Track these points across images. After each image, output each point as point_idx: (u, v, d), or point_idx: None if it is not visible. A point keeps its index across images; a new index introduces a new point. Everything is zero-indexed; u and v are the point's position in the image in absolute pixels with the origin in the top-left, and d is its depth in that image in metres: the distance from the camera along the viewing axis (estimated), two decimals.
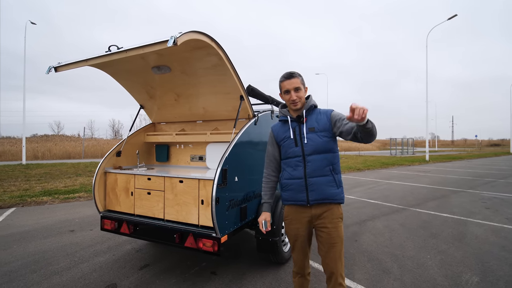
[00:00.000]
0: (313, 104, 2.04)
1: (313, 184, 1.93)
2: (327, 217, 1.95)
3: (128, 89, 3.59)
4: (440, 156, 28.27)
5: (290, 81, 1.96)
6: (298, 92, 1.97)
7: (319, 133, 1.95)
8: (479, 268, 3.30)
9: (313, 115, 2.02)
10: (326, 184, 1.92)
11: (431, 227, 4.86)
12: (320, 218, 1.97)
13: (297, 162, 1.98)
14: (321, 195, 1.93)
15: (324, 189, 1.92)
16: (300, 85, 1.97)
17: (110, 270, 3.21)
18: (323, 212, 1.95)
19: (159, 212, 2.93)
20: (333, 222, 1.94)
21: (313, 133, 1.96)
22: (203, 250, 2.55)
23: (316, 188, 1.92)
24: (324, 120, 1.97)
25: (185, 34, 2.09)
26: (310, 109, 2.03)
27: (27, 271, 3.20)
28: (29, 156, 20.58)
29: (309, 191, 1.94)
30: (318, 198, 1.93)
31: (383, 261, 3.49)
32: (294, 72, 1.99)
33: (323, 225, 1.95)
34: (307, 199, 1.95)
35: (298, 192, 1.97)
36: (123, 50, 2.32)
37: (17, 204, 6.53)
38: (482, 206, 6.50)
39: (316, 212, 1.97)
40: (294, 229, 2.05)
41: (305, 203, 1.96)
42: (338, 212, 1.97)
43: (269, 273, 3.14)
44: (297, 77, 1.98)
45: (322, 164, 1.93)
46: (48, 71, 2.66)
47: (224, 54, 2.59)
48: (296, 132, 2.01)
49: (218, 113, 3.61)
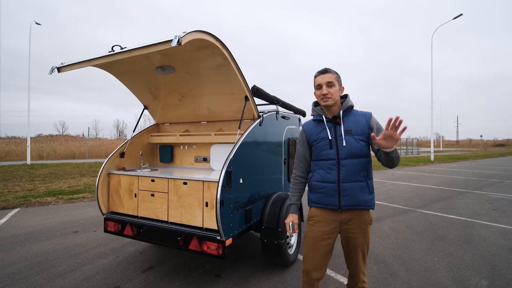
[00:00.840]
0: (350, 104, 1.93)
1: (346, 189, 1.84)
2: (356, 223, 1.87)
3: (132, 89, 3.56)
4: (445, 157, 28.02)
5: (324, 76, 1.87)
6: (331, 88, 1.86)
7: (356, 136, 1.85)
8: (488, 272, 3.22)
9: (350, 117, 1.90)
10: (360, 190, 1.84)
11: (438, 229, 4.78)
12: (349, 223, 1.88)
13: (331, 165, 1.87)
14: (353, 201, 1.84)
15: (357, 195, 1.83)
16: (334, 80, 1.86)
17: (113, 273, 3.18)
18: (353, 218, 1.87)
19: (163, 214, 2.90)
20: (361, 227, 1.88)
21: (349, 135, 1.85)
22: (208, 253, 2.51)
23: (349, 194, 1.83)
24: (362, 123, 1.87)
25: (190, 34, 2.05)
26: (348, 110, 1.92)
27: (30, 273, 3.18)
28: (34, 156, 20.72)
29: (341, 196, 1.85)
30: (350, 204, 1.84)
31: (390, 264, 3.43)
32: (329, 68, 1.90)
33: (351, 231, 1.88)
34: (339, 204, 1.86)
35: (330, 196, 1.88)
36: (126, 50, 2.29)
37: (21, 204, 6.54)
38: (489, 208, 6.40)
39: (346, 217, 1.88)
40: (316, 232, 1.93)
41: (336, 208, 1.87)
42: (368, 218, 1.90)
43: (274, 276, 3.09)
44: (332, 72, 1.88)
45: (356, 169, 1.84)
46: (51, 72, 2.63)
47: (229, 54, 2.55)
48: (332, 134, 1.90)
49: (223, 114, 3.58)
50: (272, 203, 3.21)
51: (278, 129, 3.60)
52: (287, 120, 3.90)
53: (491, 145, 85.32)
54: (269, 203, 3.20)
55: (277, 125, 3.57)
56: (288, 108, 4.25)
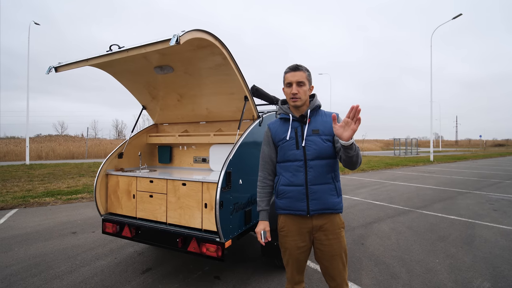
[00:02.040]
0: (318, 104, 1.87)
1: (315, 192, 1.74)
2: (328, 229, 1.77)
3: (130, 89, 3.53)
4: (445, 157, 28.02)
5: (294, 74, 1.78)
6: (301, 87, 1.77)
7: (323, 136, 1.77)
8: (490, 273, 3.20)
9: (317, 116, 1.84)
10: (328, 193, 1.75)
11: (438, 230, 4.76)
12: (321, 229, 1.78)
13: (298, 167, 1.77)
14: (323, 204, 1.75)
15: (326, 197, 1.75)
16: (305, 80, 1.78)
17: (111, 274, 3.15)
18: (325, 223, 1.77)
19: (162, 216, 2.87)
20: (335, 232, 1.77)
21: (316, 135, 1.78)
22: (207, 255, 2.48)
23: (318, 197, 1.74)
24: (329, 123, 1.80)
25: (189, 33, 2.02)
26: (315, 109, 1.86)
27: (28, 275, 3.14)
28: (33, 156, 20.67)
29: (310, 200, 1.75)
30: (320, 208, 1.75)
31: (391, 265, 3.40)
32: (301, 65, 1.80)
33: (324, 237, 1.77)
34: (308, 208, 1.75)
35: (298, 201, 1.77)
36: (124, 50, 2.25)
37: (20, 205, 6.50)
38: (490, 208, 6.38)
39: (317, 223, 1.77)
40: (290, 242, 1.82)
41: (305, 213, 1.76)
42: (340, 222, 1.81)
43: (274, 278, 3.06)
44: (303, 70, 1.78)
45: (324, 170, 1.75)
46: (48, 71, 2.60)
47: (228, 54, 2.52)
48: (298, 133, 1.81)
49: (222, 114, 3.55)
50: (271, 204, 3.17)
51: None
52: None
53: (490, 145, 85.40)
54: None
55: None
56: None
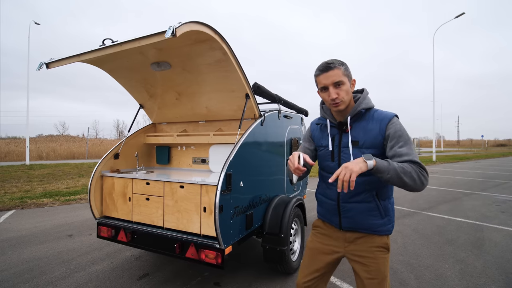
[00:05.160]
0: (364, 107, 1.49)
1: (348, 210, 1.52)
2: (363, 244, 1.52)
3: (126, 87, 3.39)
4: (447, 157, 27.81)
5: (327, 74, 1.43)
6: (340, 88, 1.43)
7: (364, 149, 1.45)
8: (503, 280, 3.05)
9: (362, 122, 1.49)
10: (366, 213, 1.49)
11: (446, 233, 4.61)
12: (354, 243, 1.55)
13: None
14: (357, 224, 1.52)
15: (361, 217, 1.50)
16: (343, 77, 1.43)
17: (107, 280, 3.01)
18: (360, 237, 1.54)
19: (158, 220, 2.73)
20: (370, 251, 1.49)
21: (356, 148, 1.47)
22: (206, 262, 2.34)
23: (352, 216, 1.51)
24: (375, 131, 1.45)
25: (185, 25, 1.88)
26: (359, 115, 1.51)
27: (20, 281, 3.01)
28: (33, 156, 20.60)
29: (342, 217, 1.54)
30: (354, 227, 1.53)
31: (399, 271, 3.26)
32: (333, 61, 1.44)
33: (357, 253, 1.53)
34: (340, 224, 1.56)
35: (331, 215, 1.60)
36: (118, 44, 2.12)
37: (17, 206, 6.38)
38: (497, 210, 6.22)
39: (351, 236, 1.56)
40: (319, 243, 1.65)
41: (338, 227, 1.58)
42: (379, 241, 1.50)
43: (276, 284, 2.92)
44: (337, 67, 1.43)
45: (361, 188, 1.47)
46: (39, 68, 2.46)
47: (229, 48, 2.38)
48: (335, 143, 1.55)
49: (222, 113, 3.40)
50: (274, 207, 3.04)
51: (280, 129, 3.43)
52: (290, 120, 3.73)
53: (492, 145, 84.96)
54: (271, 207, 3.04)
55: (279, 125, 3.40)
56: (290, 107, 4.08)
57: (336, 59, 1.47)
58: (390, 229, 1.52)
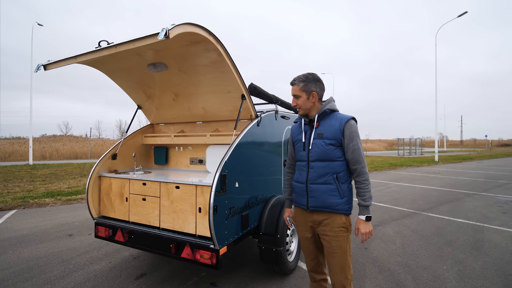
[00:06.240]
0: (328, 108, 1.96)
1: (313, 190, 1.92)
2: (328, 225, 1.91)
3: (124, 88, 3.41)
4: (450, 157, 27.61)
5: (292, 88, 1.99)
6: (298, 99, 1.97)
7: (326, 140, 1.90)
8: (502, 282, 3.03)
9: (326, 120, 1.95)
10: (327, 193, 1.88)
11: (445, 234, 4.58)
12: (321, 224, 1.94)
13: (303, 167, 1.98)
14: (320, 203, 1.91)
15: (324, 197, 1.89)
16: (299, 92, 1.94)
17: (104, 280, 3.04)
18: (324, 219, 1.92)
19: (155, 220, 2.75)
20: (333, 230, 1.89)
21: (320, 139, 1.92)
22: (201, 263, 2.35)
23: (316, 196, 1.91)
24: (335, 127, 1.90)
25: (179, 26, 1.89)
26: (324, 114, 1.96)
27: (19, 280, 3.05)
28: (37, 156, 20.75)
29: (309, 197, 1.94)
30: (317, 206, 1.92)
31: (396, 272, 3.25)
32: (296, 78, 1.97)
33: (323, 233, 1.93)
34: (307, 204, 1.95)
35: (301, 196, 2.00)
36: (112, 45, 2.13)
37: (19, 206, 6.44)
38: (499, 211, 6.17)
39: (318, 218, 1.95)
40: (300, 231, 2.08)
41: (305, 207, 1.97)
42: (340, 221, 1.89)
43: (273, 285, 2.93)
44: (296, 84, 1.96)
45: (324, 171, 1.89)
46: (36, 69, 2.48)
47: (224, 50, 2.39)
48: (307, 136, 1.98)
49: (219, 114, 3.41)
50: (270, 207, 3.04)
51: (277, 130, 3.43)
52: (287, 120, 3.72)
53: (496, 145, 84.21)
54: (268, 207, 3.04)
55: (276, 125, 3.39)
56: (287, 107, 4.07)
57: (302, 76, 1.96)
58: (348, 209, 1.90)
